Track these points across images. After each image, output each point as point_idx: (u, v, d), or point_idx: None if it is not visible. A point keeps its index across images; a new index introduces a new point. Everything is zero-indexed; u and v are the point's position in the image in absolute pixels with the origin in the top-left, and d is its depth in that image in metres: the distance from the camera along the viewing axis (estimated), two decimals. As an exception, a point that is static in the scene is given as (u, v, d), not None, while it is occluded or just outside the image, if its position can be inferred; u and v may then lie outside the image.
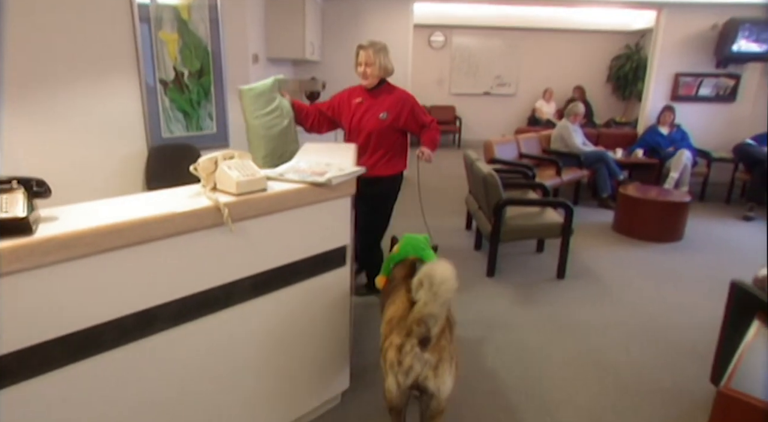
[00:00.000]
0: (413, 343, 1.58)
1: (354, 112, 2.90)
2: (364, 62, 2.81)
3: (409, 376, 1.60)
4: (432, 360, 1.60)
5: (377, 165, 2.88)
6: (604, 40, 9.37)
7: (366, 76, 2.83)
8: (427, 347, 1.58)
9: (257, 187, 1.65)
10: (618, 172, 5.58)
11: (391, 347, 1.64)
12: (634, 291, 3.46)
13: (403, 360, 1.60)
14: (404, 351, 1.60)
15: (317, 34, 5.59)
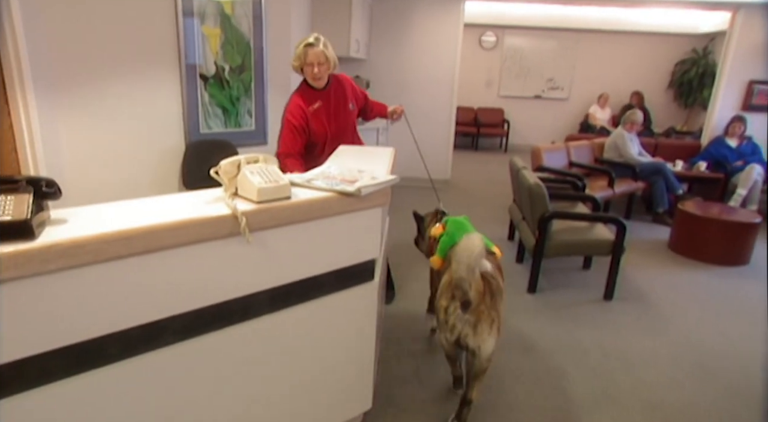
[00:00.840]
0: (456, 306, 1.87)
1: (322, 121, 2.58)
2: (317, 62, 2.46)
3: (453, 333, 1.93)
4: (471, 320, 1.88)
5: None
6: (667, 43, 8.82)
7: (320, 77, 2.51)
8: (467, 309, 1.84)
9: (280, 195, 1.54)
10: (677, 185, 5.20)
11: (440, 309, 1.97)
12: (691, 319, 3.16)
13: (448, 319, 1.93)
14: (448, 312, 1.92)
15: (364, 32, 5.48)
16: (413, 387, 2.36)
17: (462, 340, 1.92)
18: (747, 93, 5.80)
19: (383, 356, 2.58)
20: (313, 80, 2.53)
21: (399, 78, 6.05)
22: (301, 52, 2.46)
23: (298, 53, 2.47)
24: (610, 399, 2.34)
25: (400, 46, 5.95)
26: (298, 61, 2.49)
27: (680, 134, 8.01)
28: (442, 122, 6.13)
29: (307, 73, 2.51)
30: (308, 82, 2.58)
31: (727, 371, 2.62)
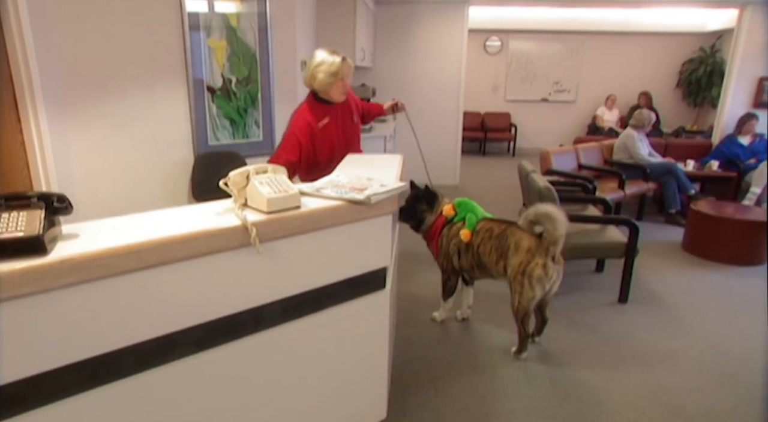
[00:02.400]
0: (551, 261, 2.41)
1: (331, 137, 2.53)
2: (347, 76, 2.44)
3: (549, 283, 2.45)
4: (560, 269, 2.47)
5: None
6: (673, 42, 8.77)
7: (346, 91, 2.50)
8: (555, 261, 2.43)
9: (290, 205, 1.53)
10: (689, 185, 5.14)
11: (537, 266, 2.41)
12: (709, 321, 3.11)
13: (549, 272, 2.42)
14: (548, 266, 2.41)
15: (369, 40, 5.51)
16: (428, 395, 2.33)
17: (552, 287, 2.48)
18: (758, 90, 5.74)
19: (396, 363, 2.56)
20: (340, 95, 2.49)
21: (405, 85, 6.06)
22: (339, 67, 2.39)
23: (334, 69, 2.39)
24: (629, 405, 2.30)
25: (405, 53, 5.97)
26: (333, 78, 2.40)
27: (690, 133, 7.94)
28: (449, 128, 6.13)
29: (337, 88, 2.45)
30: (320, 96, 2.50)
31: (749, 375, 2.56)
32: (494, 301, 3.26)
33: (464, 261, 2.72)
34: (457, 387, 2.39)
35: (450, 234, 2.74)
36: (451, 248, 2.74)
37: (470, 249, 2.67)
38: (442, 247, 2.77)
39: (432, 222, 2.80)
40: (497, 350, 2.74)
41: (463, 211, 2.74)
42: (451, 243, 2.74)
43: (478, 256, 2.65)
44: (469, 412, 2.21)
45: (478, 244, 2.64)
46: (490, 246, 2.60)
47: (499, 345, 2.79)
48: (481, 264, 2.67)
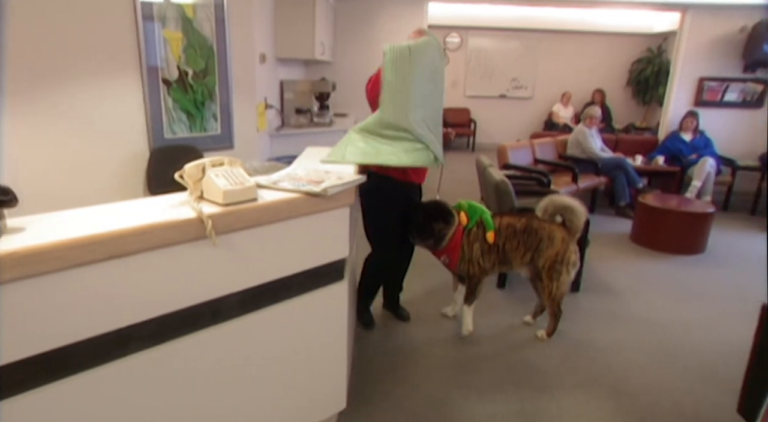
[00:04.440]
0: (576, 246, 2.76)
1: None
2: None
3: (577, 266, 2.80)
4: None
5: None
6: (624, 42, 9.12)
7: None
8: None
9: (246, 197, 1.54)
10: (637, 179, 5.38)
11: (572, 253, 2.71)
12: (653, 307, 3.29)
13: (578, 257, 2.76)
14: (576, 252, 2.75)
15: (328, 34, 5.49)
16: (388, 385, 2.38)
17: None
18: (698, 89, 6.06)
19: (356, 354, 2.59)
20: None
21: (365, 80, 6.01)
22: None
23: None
24: (579, 388, 2.41)
25: (365, 48, 5.98)
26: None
27: (639, 130, 8.29)
28: (409, 123, 6.18)
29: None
30: None
31: (687, 355, 2.73)
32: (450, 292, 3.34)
33: (487, 261, 2.72)
34: (416, 376, 2.45)
35: (470, 240, 2.70)
36: (475, 253, 2.71)
37: (494, 248, 2.70)
38: (465, 255, 2.71)
39: (452, 237, 2.69)
40: (455, 340, 2.81)
41: (474, 214, 2.73)
42: (473, 248, 2.70)
43: (504, 254, 2.71)
44: (428, 400, 2.27)
45: (503, 242, 2.69)
46: (517, 242, 2.70)
47: (456, 334, 2.86)
48: (505, 261, 2.74)
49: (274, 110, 4.54)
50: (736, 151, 6.01)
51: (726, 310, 3.25)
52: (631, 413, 2.24)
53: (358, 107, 6.14)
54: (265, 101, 4.15)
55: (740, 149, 6.04)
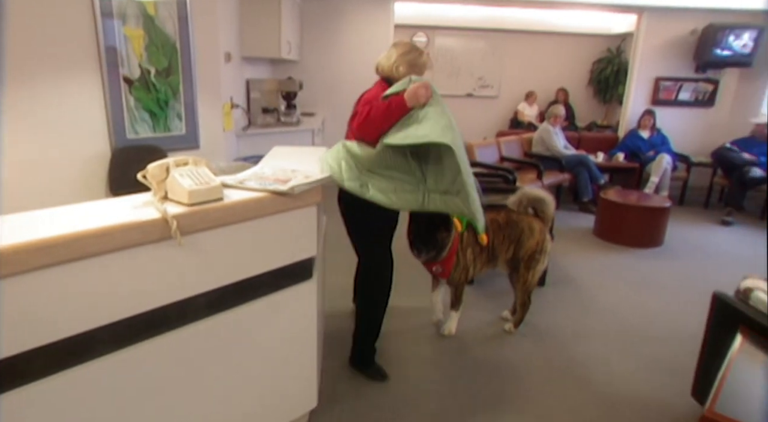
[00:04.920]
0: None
1: None
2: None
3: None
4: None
5: None
6: (585, 43, 9.36)
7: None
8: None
9: (212, 197, 1.53)
10: (599, 176, 5.55)
11: (547, 242, 2.80)
12: (615, 298, 3.40)
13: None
14: (550, 241, 2.84)
15: (295, 33, 5.46)
16: (359, 382, 2.39)
17: None
18: (654, 88, 6.29)
19: (326, 352, 2.59)
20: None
21: (332, 79, 6.07)
22: (426, 60, 2.34)
23: (423, 61, 2.32)
24: (546, 380, 2.48)
25: (332, 47, 5.97)
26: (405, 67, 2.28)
27: (601, 128, 8.53)
28: (377, 122, 6.21)
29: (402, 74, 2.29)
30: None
31: (647, 342, 2.84)
32: (419, 288, 3.38)
33: (477, 264, 2.72)
34: (388, 372, 2.47)
35: (464, 246, 2.65)
36: (468, 259, 2.67)
37: (485, 249, 2.70)
38: (460, 262, 2.65)
39: (451, 244, 2.58)
40: (425, 335, 2.85)
41: (463, 217, 2.58)
42: (467, 253, 2.66)
43: (492, 251, 2.74)
44: (400, 396, 2.30)
45: (492, 240, 2.71)
46: (502, 237, 2.75)
47: (426, 330, 2.90)
48: (493, 258, 2.77)
49: (240, 110, 4.49)
50: (690, 147, 6.26)
51: (682, 300, 3.40)
52: (595, 402, 2.32)
53: (326, 106, 6.13)
54: (231, 100, 4.10)
55: (694, 146, 6.30)
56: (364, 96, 2.29)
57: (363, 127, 2.07)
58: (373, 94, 2.22)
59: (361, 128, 2.08)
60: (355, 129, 2.12)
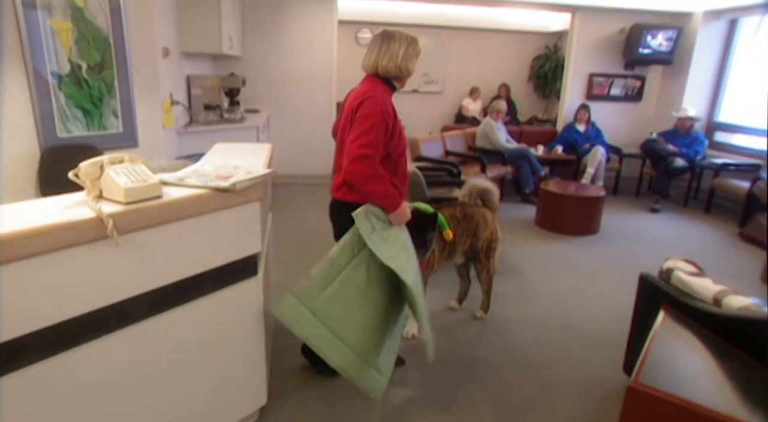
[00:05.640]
0: None
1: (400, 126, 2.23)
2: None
3: None
4: None
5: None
6: (525, 40, 9.69)
7: None
8: None
9: (150, 195, 1.49)
10: (540, 168, 5.78)
11: (498, 230, 2.91)
12: (556, 285, 3.57)
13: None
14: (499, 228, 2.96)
15: (236, 28, 5.34)
16: (308, 377, 2.40)
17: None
18: (589, 84, 6.60)
19: (276, 348, 2.59)
20: (405, 82, 2.27)
21: (276, 75, 5.99)
22: (419, 49, 2.19)
23: (419, 49, 2.18)
24: (492, 366, 2.58)
25: (275, 42, 5.89)
26: (413, 62, 2.17)
27: (541, 122, 8.87)
28: (322, 118, 6.18)
29: (410, 71, 2.18)
30: (392, 84, 2.18)
31: (584, 324, 3.01)
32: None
33: (441, 259, 2.72)
34: (337, 365, 2.49)
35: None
36: (436, 256, 2.64)
37: (447, 244, 2.67)
38: (432, 259, 2.62)
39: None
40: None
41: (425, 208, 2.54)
42: (435, 251, 2.60)
43: (454, 245, 2.74)
44: (349, 389, 2.32)
45: (454, 235, 2.66)
46: (461, 231, 2.79)
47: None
48: (452, 252, 2.78)
49: (181, 106, 4.36)
50: (622, 140, 6.63)
51: (616, 282, 3.61)
52: (537, 383, 2.44)
53: (271, 102, 6.05)
54: (171, 97, 3.98)
55: (625, 138, 6.67)
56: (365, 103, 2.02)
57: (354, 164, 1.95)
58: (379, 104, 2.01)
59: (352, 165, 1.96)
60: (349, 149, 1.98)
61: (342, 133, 2.14)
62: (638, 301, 2.35)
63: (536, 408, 2.25)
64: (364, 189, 2.00)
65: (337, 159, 2.21)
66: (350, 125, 2.05)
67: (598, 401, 2.32)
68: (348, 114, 2.11)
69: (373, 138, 1.97)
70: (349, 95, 2.23)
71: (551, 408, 2.25)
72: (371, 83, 2.14)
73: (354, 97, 2.12)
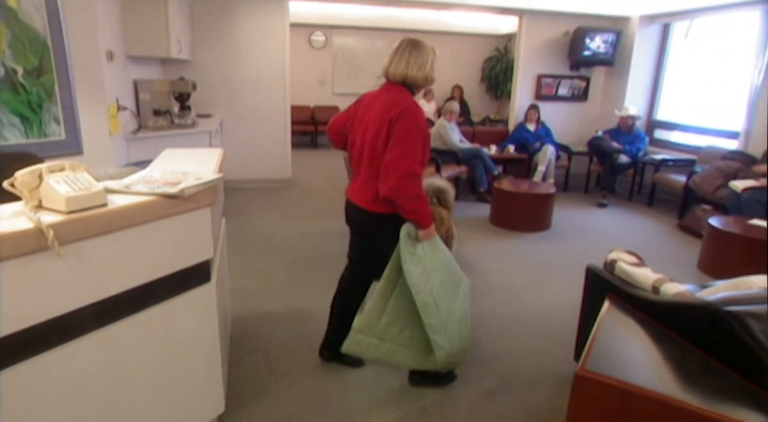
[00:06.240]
0: None
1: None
2: None
3: None
4: None
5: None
6: (477, 42, 9.91)
7: None
8: None
9: (94, 203, 1.45)
10: (493, 167, 5.92)
11: (453, 227, 2.97)
12: (510, 280, 3.67)
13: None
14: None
15: (185, 31, 5.23)
16: (267, 382, 2.38)
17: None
18: (537, 85, 6.83)
19: (233, 356, 2.55)
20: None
21: (228, 79, 5.89)
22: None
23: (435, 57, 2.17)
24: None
25: (227, 46, 5.80)
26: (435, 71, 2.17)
27: (493, 122, 9.10)
28: (277, 121, 6.12)
29: (434, 79, 2.19)
30: (413, 91, 2.19)
31: (537, 317, 3.11)
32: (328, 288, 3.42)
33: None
34: (294, 371, 2.48)
35: None
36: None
37: None
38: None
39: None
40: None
41: None
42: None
43: None
44: (307, 393, 2.32)
45: None
46: None
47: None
48: None
49: (128, 112, 4.23)
50: (570, 138, 6.89)
51: (568, 275, 3.75)
52: (493, 376, 2.50)
53: (224, 107, 5.94)
54: (117, 102, 3.85)
55: (573, 137, 6.93)
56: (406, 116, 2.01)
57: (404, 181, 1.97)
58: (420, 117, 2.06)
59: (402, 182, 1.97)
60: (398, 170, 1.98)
61: (372, 144, 2.09)
62: (585, 292, 2.46)
63: (493, 400, 2.32)
64: (409, 206, 2.02)
65: (359, 167, 2.20)
66: (385, 136, 2.03)
67: (551, 390, 2.40)
68: (380, 124, 2.06)
69: (420, 154, 2.04)
70: (365, 101, 2.23)
71: (507, 400, 2.32)
72: (401, 92, 2.13)
73: (385, 107, 2.07)
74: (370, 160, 2.12)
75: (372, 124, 2.11)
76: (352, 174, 2.31)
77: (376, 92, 2.21)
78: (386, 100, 2.10)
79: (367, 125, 2.14)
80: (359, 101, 2.27)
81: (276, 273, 3.61)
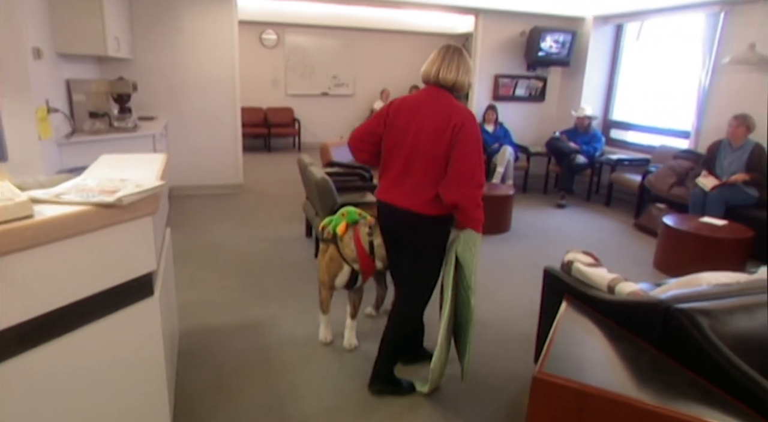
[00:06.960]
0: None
1: None
2: None
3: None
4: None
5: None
6: (433, 41, 9.85)
7: None
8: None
9: (17, 215, 1.29)
10: (451, 169, 5.87)
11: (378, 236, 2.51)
12: (472, 282, 3.61)
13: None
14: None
15: (124, 29, 4.90)
16: (218, 400, 2.24)
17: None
18: (495, 85, 6.86)
19: (181, 373, 2.38)
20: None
21: (173, 79, 5.59)
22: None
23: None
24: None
25: (171, 44, 5.49)
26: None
27: (450, 124, 9.10)
28: (226, 124, 5.86)
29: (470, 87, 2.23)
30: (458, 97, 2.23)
31: (502, 322, 3.07)
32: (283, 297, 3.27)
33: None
34: (247, 385, 2.35)
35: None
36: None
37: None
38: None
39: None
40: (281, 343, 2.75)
41: (351, 215, 2.65)
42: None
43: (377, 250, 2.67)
44: (262, 408, 2.19)
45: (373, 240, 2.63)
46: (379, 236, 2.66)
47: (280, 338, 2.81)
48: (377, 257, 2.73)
49: (60, 114, 3.90)
50: (528, 139, 6.96)
51: (528, 277, 3.73)
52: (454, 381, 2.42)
53: (168, 109, 5.63)
54: (47, 104, 3.53)
55: (531, 138, 7.01)
56: (468, 125, 2.08)
57: (476, 190, 2.13)
58: (477, 125, 2.16)
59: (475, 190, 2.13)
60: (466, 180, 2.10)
61: (429, 148, 2.09)
62: (544, 294, 2.43)
63: (455, 406, 2.26)
64: (474, 214, 2.13)
65: (407, 170, 2.16)
66: (447, 142, 2.06)
67: (512, 394, 2.37)
68: (439, 129, 2.06)
69: (482, 163, 2.17)
70: (405, 105, 2.19)
71: (469, 406, 2.27)
72: (449, 97, 2.15)
73: (441, 112, 2.08)
74: (426, 164, 2.11)
75: (427, 127, 2.09)
76: (389, 177, 2.23)
77: (418, 96, 2.20)
78: (441, 105, 2.10)
79: (418, 129, 2.11)
80: (395, 106, 2.22)
81: (227, 283, 3.42)
